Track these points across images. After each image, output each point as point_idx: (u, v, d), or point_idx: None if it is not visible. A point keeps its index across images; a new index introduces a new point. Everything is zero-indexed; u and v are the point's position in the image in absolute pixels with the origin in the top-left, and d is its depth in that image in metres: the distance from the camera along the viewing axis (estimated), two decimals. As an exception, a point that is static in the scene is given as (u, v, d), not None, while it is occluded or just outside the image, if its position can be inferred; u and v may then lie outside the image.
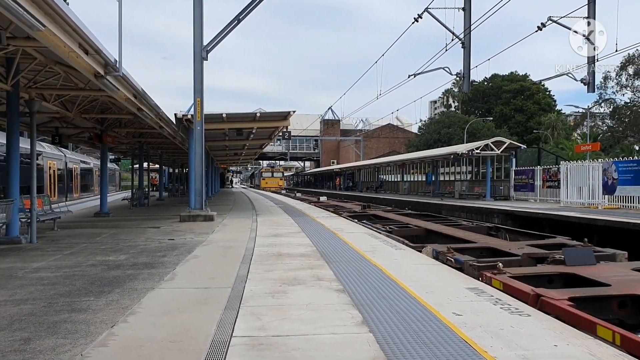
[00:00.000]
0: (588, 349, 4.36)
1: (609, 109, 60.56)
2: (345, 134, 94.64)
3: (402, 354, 4.29)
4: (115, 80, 12.39)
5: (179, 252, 10.50)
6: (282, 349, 4.41)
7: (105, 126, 21.08)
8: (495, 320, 5.24)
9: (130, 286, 7.17)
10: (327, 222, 17.34)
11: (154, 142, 30.17)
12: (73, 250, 10.82)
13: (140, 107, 15.87)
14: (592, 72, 21.75)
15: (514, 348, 4.41)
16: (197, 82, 17.56)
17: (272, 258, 9.42)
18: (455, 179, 42.89)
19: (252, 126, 22.74)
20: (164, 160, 43.39)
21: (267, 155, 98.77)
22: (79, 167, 38.46)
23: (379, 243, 11.61)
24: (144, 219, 19.25)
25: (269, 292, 6.62)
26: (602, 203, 23.29)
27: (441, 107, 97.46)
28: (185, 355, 4.31)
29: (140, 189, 31.14)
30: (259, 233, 13.68)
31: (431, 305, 5.83)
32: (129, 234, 13.93)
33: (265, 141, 32.58)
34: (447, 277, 7.64)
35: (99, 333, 4.97)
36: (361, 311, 5.62)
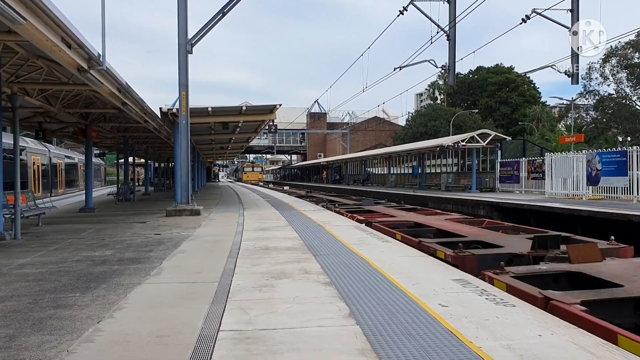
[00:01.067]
0: (572, 338, 4.42)
1: (593, 100, 61.15)
2: (332, 127, 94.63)
3: (388, 346, 4.32)
4: (99, 75, 12.28)
5: (165, 246, 10.46)
6: (270, 343, 4.42)
7: (89, 121, 20.88)
8: (480, 311, 5.29)
9: (117, 281, 7.14)
10: (314, 215, 17.35)
11: (139, 136, 29.96)
12: (58, 246, 10.74)
13: (124, 102, 15.74)
14: (576, 63, 21.94)
15: (499, 338, 4.46)
16: (182, 76, 17.44)
17: (259, 252, 9.42)
18: (442, 171, 43.10)
19: (238, 120, 22.64)
20: (150, 154, 43.13)
21: (254, 149, 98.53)
22: (63, 162, 38.10)
23: (366, 236, 11.65)
24: (130, 214, 19.14)
25: (256, 286, 6.63)
26: (586, 194, 23.54)
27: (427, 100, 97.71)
28: (172, 350, 4.31)
29: (126, 184, 30.93)
30: (246, 227, 13.67)
31: (417, 297, 5.87)
32: (115, 229, 13.85)
33: (252, 135, 32.48)
34: (433, 269, 7.69)
35: (85, 329, 4.95)
36: (348, 304, 5.64)
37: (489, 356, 4.04)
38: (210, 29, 17.74)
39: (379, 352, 4.17)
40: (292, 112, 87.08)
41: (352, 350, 4.21)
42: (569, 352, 4.11)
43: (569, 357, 4.00)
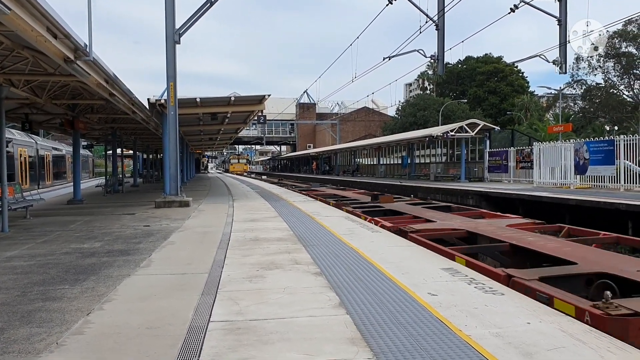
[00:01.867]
0: (559, 326, 4.47)
1: (581, 90, 61.47)
2: (321, 118, 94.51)
3: (378, 334, 4.34)
4: (86, 65, 12.15)
5: (154, 238, 10.43)
6: (260, 333, 4.43)
7: (76, 112, 20.68)
8: (469, 299, 5.33)
9: (106, 273, 7.11)
10: (303, 206, 17.36)
11: (127, 127, 29.73)
12: (46, 239, 10.67)
13: (112, 93, 15.60)
14: (564, 53, 22.04)
15: (488, 326, 4.50)
16: (170, 67, 17.32)
17: (250, 243, 9.41)
18: (431, 161, 43.23)
19: (226, 110, 22.54)
20: (138, 146, 42.84)
21: (243, 139, 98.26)
22: (50, 154, 37.80)
23: (356, 226, 11.67)
24: (118, 206, 19.04)
25: (246, 276, 6.63)
26: (574, 183, 23.72)
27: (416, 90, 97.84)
28: (162, 342, 4.30)
29: (114, 176, 30.74)
30: (236, 218, 13.65)
31: (407, 286, 5.90)
32: (104, 221, 13.78)
33: (241, 125, 32.35)
34: (423, 259, 7.73)
35: (74, 321, 4.92)
36: (338, 293, 5.66)
37: (478, 344, 4.07)
38: (198, 19, 17.59)
39: (369, 341, 4.19)
40: (281, 103, 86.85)
41: (343, 340, 4.23)
42: (557, 339, 4.15)
43: (557, 343, 4.04)
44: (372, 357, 3.84)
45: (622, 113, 55.59)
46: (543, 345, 4.02)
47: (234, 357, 3.89)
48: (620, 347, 3.98)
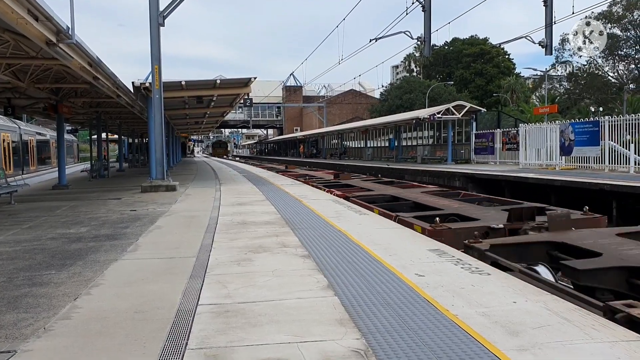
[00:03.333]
0: (545, 305, 4.52)
1: (566, 71, 61.75)
2: (308, 101, 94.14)
3: (366, 315, 4.37)
4: (69, 48, 11.98)
5: (141, 223, 10.38)
6: (249, 315, 4.44)
7: (60, 96, 20.42)
8: (456, 279, 5.37)
9: (93, 258, 7.07)
10: (291, 189, 17.35)
11: (112, 111, 29.45)
12: (32, 224, 10.58)
13: (96, 76, 15.41)
14: (550, 34, 22.07)
15: (474, 306, 4.55)
16: (155, 49, 17.11)
17: (237, 227, 9.40)
18: (418, 143, 43.33)
19: (212, 93, 22.38)
20: (123, 130, 42.47)
21: (229, 123, 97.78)
22: (34, 139, 37.35)
23: (343, 209, 11.70)
24: (104, 191, 18.91)
25: (234, 260, 6.63)
26: (560, 164, 23.92)
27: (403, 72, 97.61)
28: (151, 325, 4.30)
29: (100, 160, 30.49)
30: (223, 202, 13.61)
31: (394, 268, 5.93)
32: (90, 206, 13.68)
33: (227, 109, 32.16)
34: (410, 240, 7.77)
35: (61, 306, 4.90)
36: (326, 275, 5.68)
37: (465, 323, 4.11)
38: (182, 1, 17.36)
39: (357, 322, 4.22)
40: (267, 86, 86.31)
41: (331, 321, 4.26)
42: (543, 317, 4.20)
43: (543, 322, 4.10)
44: (360, 338, 3.87)
45: (606, 94, 56.00)
46: (529, 323, 4.07)
47: (222, 340, 3.90)
48: (603, 325, 4.04)
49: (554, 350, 3.55)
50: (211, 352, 3.68)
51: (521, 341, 3.73)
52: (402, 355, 3.56)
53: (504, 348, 3.61)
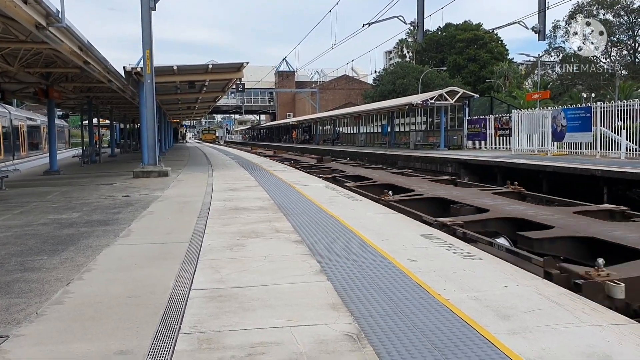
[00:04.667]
0: (536, 289, 4.56)
1: (559, 57, 61.76)
2: (301, 86, 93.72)
3: (359, 300, 4.39)
4: (59, 32, 11.85)
5: (133, 208, 10.35)
6: (242, 300, 4.45)
7: (50, 81, 20.24)
8: (448, 264, 5.41)
9: (85, 243, 7.06)
10: (284, 175, 17.34)
11: (103, 96, 29.24)
12: (23, 210, 10.53)
13: (86, 60, 15.27)
14: (543, 20, 22.04)
15: (466, 290, 4.58)
16: (146, 34, 16.95)
17: (230, 212, 9.40)
18: (411, 129, 43.30)
19: (204, 78, 22.26)
20: (115, 115, 42.20)
21: (222, 108, 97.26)
22: (25, 124, 37.00)
23: (336, 194, 11.71)
24: (96, 176, 18.82)
25: (227, 245, 6.63)
26: (552, 150, 23.98)
27: (396, 58, 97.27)
28: (144, 310, 4.30)
29: (91, 146, 30.30)
30: (216, 188, 13.59)
31: (387, 253, 5.96)
32: (81, 192, 13.62)
33: (219, 94, 32.01)
34: (403, 225, 7.81)
35: (54, 291, 4.89)
36: (319, 260, 5.70)
37: (457, 307, 4.14)
38: (174, -15, 17.18)
39: (349, 306, 4.24)
40: (259, 71, 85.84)
41: (324, 305, 4.28)
42: (534, 301, 4.24)
43: (534, 306, 4.13)
44: (352, 322, 3.89)
45: (599, 80, 56.07)
46: (520, 307, 4.11)
47: (215, 324, 3.91)
48: (593, 309, 4.09)
49: (544, 334, 3.59)
50: (204, 336, 3.69)
51: (512, 325, 3.77)
52: (395, 339, 3.58)
53: (495, 332, 3.64)
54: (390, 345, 3.47)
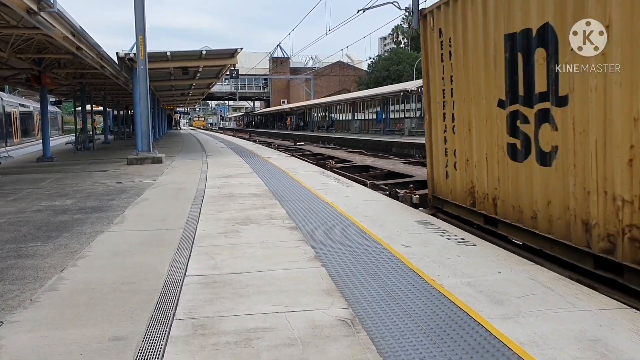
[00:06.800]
0: (530, 274, 4.59)
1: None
2: (295, 72, 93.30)
3: (353, 285, 4.41)
4: (51, 17, 11.73)
5: (127, 195, 10.32)
6: (236, 286, 4.46)
7: (43, 67, 20.06)
8: (442, 250, 5.43)
9: (79, 230, 7.04)
10: (278, 162, 17.32)
11: (97, 83, 29.03)
12: (16, 196, 10.48)
13: (79, 46, 15.13)
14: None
15: (459, 276, 4.60)
16: (139, 19, 16.80)
17: (224, 199, 9.39)
18: (405, 116, 43.23)
19: (198, 64, 22.10)
20: (108, 102, 41.96)
21: (215, 95, 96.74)
22: (17, 110, 36.71)
23: (331, 181, 11.71)
24: (89, 163, 18.74)
25: (221, 231, 6.63)
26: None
27: (391, 44, 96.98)
28: (138, 296, 4.30)
29: (85, 133, 30.14)
30: (210, 174, 13.56)
31: (381, 239, 5.97)
32: (75, 178, 13.56)
33: (213, 80, 31.82)
34: (397, 212, 7.82)
35: (48, 278, 4.89)
36: (314, 247, 5.71)
37: (450, 293, 4.17)
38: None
39: (344, 291, 4.26)
40: (253, 57, 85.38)
41: (318, 291, 4.29)
42: (527, 287, 4.27)
43: (527, 291, 4.16)
44: (347, 308, 3.91)
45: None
46: (513, 292, 4.14)
47: (210, 310, 3.92)
48: (586, 294, 4.11)
49: (538, 319, 3.61)
50: (199, 322, 3.70)
51: (505, 310, 3.79)
52: (389, 324, 3.60)
53: (488, 317, 3.67)
54: (385, 330, 3.49)
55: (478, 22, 6.71)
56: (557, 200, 5.40)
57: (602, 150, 4.76)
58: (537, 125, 5.67)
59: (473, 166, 7.16)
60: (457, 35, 7.34)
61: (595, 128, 4.80)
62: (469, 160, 7.25)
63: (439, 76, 8.01)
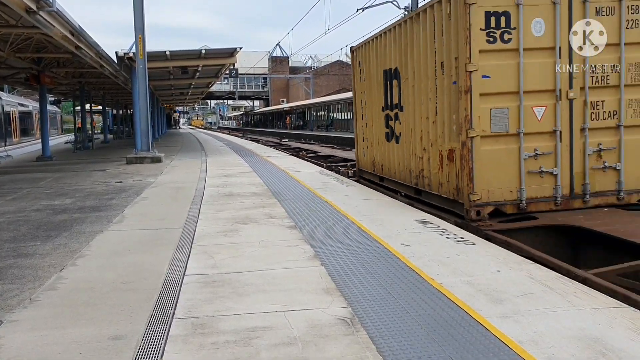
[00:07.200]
0: (529, 273, 4.59)
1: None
2: (294, 72, 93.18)
3: (353, 284, 4.41)
4: (50, 16, 11.72)
5: (127, 194, 10.32)
6: (236, 285, 4.46)
7: (42, 66, 20.05)
8: (441, 249, 5.43)
9: (78, 229, 7.04)
10: (277, 161, 17.32)
11: (96, 82, 29.01)
12: (16, 196, 10.48)
13: (78, 45, 15.12)
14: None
15: (459, 274, 4.60)
16: (138, 19, 16.80)
17: (224, 198, 9.39)
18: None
19: (197, 64, 22.11)
20: (107, 101, 41.94)
21: (215, 94, 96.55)
22: (17, 110, 36.72)
23: (330, 180, 11.71)
24: (89, 162, 18.74)
25: (221, 231, 6.63)
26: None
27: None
28: (137, 295, 4.30)
29: (84, 132, 30.12)
30: (209, 174, 13.56)
31: (380, 238, 5.97)
32: (74, 178, 13.56)
33: (212, 80, 31.84)
34: (397, 211, 7.82)
35: (47, 277, 4.89)
36: (313, 246, 5.71)
37: (450, 291, 4.17)
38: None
39: (343, 290, 4.26)
40: (253, 56, 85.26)
41: (318, 290, 4.29)
42: (526, 285, 4.27)
43: (526, 290, 4.16)
44: (346, 306, 3.91)
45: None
46: (513, 291, 4.14)
47: (210, 309, 3.92)
48: (585, 292, 4.12)
49: (536, 318, 3.61)
50: (198, 321, 3.70)
51: (504, 309, 3.79)
52: (388, 322, 3.60)
53: (487, 315, 3.67)
54: (384, 329, 3.50)
55: (372, 61, 11.16)
56: (402, 161, 9.72)
57: (416, 135, 8.88)
58: (394, 121, 9.98)
59: (372, 147, 11.60)
60: (365, 66, 11.75)
61: (412, 124, 9.02)
62: (372, 144, 11.61)
63: (359, 91, 12.53)
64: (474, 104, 6.99)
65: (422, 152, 8.60)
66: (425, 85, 8.33)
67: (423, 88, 8.42)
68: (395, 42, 9.65)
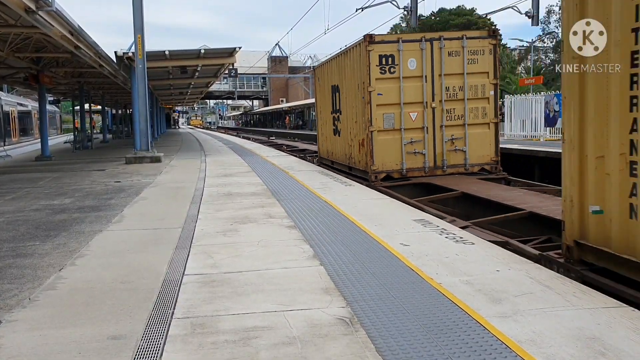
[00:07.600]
0: (527, 273, 4.59)
1: (552, 42, 61.71)
2: (294, 71, 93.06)
3: (352, 284, 4.41)
4: (49, 16, 11.71)
5: (126, 194, 10.32)
6: (235, 285, 4.46)
7: (41, 66, 20.03)
8: (441, 249, 5.43)
9: (77, 229, 7.04)
10: (277, 160, 17.32)
11: (95, 82, 28.98)
12: (15, 195, 10.48)
13: (77, 45, 15.11)
14: (537, 5, 21.98)
15: (458, 274, 4.60)
16: (137, 18, 16.78)
17: (223, 198, 9.39)
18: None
19: (196, 63, 22.10)
20: (107, 101, 41.89)
21: (214, 94, 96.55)
22: (16, 109, 36.68)
23: (330, 180, 11.71)
24: (88, 162, 18.73)
25: (220, 230, 6.63)
26: (544, 135, 24.02)
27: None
28: (137, 295, 4.30)
29: (83, 132, 30.10)
30: (209, 173, 13.56)
31: (380, 237, 5.97)
32: (74, 177, 13.56)
33: (211, 79, 31.82)
34: (396, 210, 7.83)
35: (46, 277, 4.89)
36: (312, 246, 5.71)
37: (449, 291, 4.17)
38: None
39: (342, 290, 4.26)
40: (252, 56, 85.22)
41: (317, 290, 4.29)
42: (525, 285, 4.27)
43: (525, 289, 4.16)
44: (345, 306, 3.91)
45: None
46: (512, 291, 4.14)
47: (209, 309, 3.92)
48: (584, 292, 4.12)
49: (535, 317, 3.62)
50: (197, 321, 3.70)
51: (503, 308, 3.80)
52: (387, 322, 3.60)
53: (486, 315, 3.67)
54: (383, 329, 3.50)
55: (326, 78, 15.80)
56: (342, 149, 14.23)
57: (347, 130, 13.38)
58: (338, 121, 14.40)
59: (327, 140, 16.27)
60: (321, 81, 16.45)
61: (346, 123, 13.53)
62: (326, 138, 16.29)
63: (319, 99, 17.20)
64: (372, 111, 11.52)
65: (351, 142, 13.22)
66: (351, 98, 12.79)
67: (350, 99, 12.91)
68: (337, 67, 14.18)
